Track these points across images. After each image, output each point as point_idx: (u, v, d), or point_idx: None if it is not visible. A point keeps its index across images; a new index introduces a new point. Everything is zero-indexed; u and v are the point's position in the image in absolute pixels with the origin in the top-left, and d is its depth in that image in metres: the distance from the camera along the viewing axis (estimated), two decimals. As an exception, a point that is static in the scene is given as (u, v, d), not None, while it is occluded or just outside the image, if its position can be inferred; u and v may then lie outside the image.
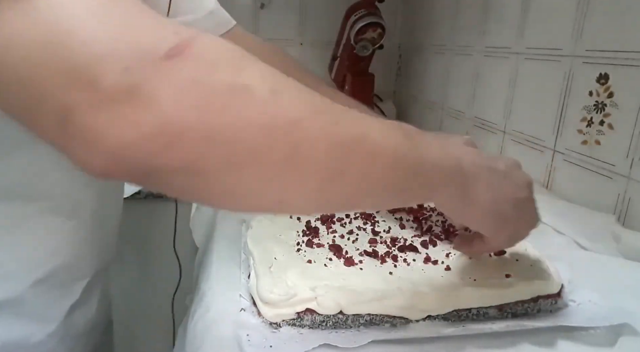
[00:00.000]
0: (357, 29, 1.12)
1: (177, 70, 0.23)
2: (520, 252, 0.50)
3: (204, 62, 0.24)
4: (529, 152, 0.88)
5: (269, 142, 0.25)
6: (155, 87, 0.22)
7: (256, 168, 0.26)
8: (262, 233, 0.53)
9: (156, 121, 0.22)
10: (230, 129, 0.24)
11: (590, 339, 0.41)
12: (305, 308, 0.41)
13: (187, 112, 0.23)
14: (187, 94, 0.23)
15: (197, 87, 0.23)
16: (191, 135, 0.23)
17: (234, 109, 0.24)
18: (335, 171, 0.28)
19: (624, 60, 0.66)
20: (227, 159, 0.24)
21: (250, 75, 0.25)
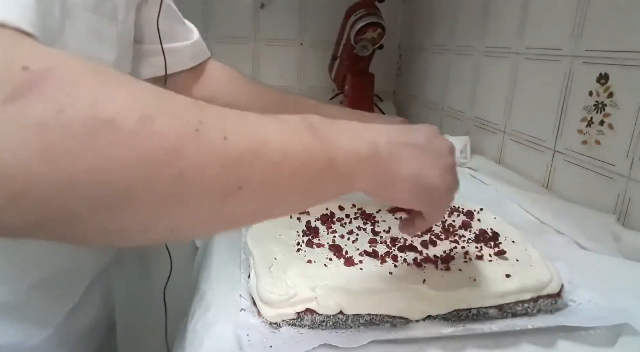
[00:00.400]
0: (357, 29, 1.12)
1: (19, 114, 0.19)
2: (521, 252, 0.50)
3: (57, 98, 0.20)
4: (529, 152, 0.88)
5: (146, 178, 0.22)
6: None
7: (136, 206, 0.23)
8: (262, 233, 0.53)
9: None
10: (94, 172, 0.21)
11: (590, 339, 0.41)
12: (305, 308, 0.41)
13: (32, 162, 0.19)
14: (33, 141, 0.19)
15: (46, 130, 0.20)
16: (40, 187, 0.20)
17: (95, 149, 0.21)
18: (230, 190, 0.26)
19: (624, 60, 0.66)
20: (95, 204, 0.22)
21: (115, 105, 0.22)
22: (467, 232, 0.56)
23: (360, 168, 0.33)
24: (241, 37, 1.48)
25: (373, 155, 0.33)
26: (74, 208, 0.21)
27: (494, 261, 0.48)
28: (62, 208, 0.21)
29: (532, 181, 0.85)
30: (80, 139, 0.20)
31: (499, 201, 0.76)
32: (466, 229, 0.56)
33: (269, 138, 0.28)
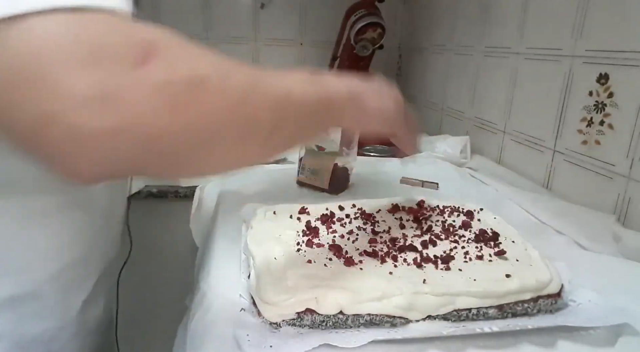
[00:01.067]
0: (357, 29, 1.12)
1: (145, 77, 0.25)
2: (521, 252, 0.50)
3: (168, 64, 0.26)
4: (529, 152, 0.88)
5: (229, 118, 0.30)
6: (128, 94, 0.24)
7: (222, 141, 0.30)
8: (262, 233, 0.53)
9: (130, 122, 0.24)
10: (198, 116, 0.27)
11: (590, 339, 0.41)
12: (305, 308, 0.41)
13: (162, 113, 0.25)
14: (159, 97, 0.25)
15: (167, 88, 0.26)
16: (168, 131, 0.26)
17: (197, 100, 0.27)
18: (275, 126, 0.34)
19: (624, 60, 0.66)
20: (197, 141, 0.28)
21: (204, 66, 0.29)
22: (467, 232, 0.56)
23: (345, 105, 0.44)
24: (241, 37, 1.48)
25: (352, 95, 0.44)
26: (183, 146, 0.27)
27: (494, 261, 0.48)
28: (177, 146, 0.27)
29: (532, 181, 0.85)
30: (188, 92, 0.27)
31: (499, 201, 0.76)
32: (466, 229, 0.56)
33: (293, 88, 0.36)
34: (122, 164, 0.27)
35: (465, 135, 1.07)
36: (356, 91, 0.45)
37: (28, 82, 0.23)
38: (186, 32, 0.28)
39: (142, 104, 0.25)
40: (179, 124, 0.26)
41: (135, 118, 0.24)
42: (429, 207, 0.64)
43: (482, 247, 0.51)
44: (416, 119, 0.56)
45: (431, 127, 1.32)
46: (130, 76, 0.24)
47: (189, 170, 0.32)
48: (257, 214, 0.58)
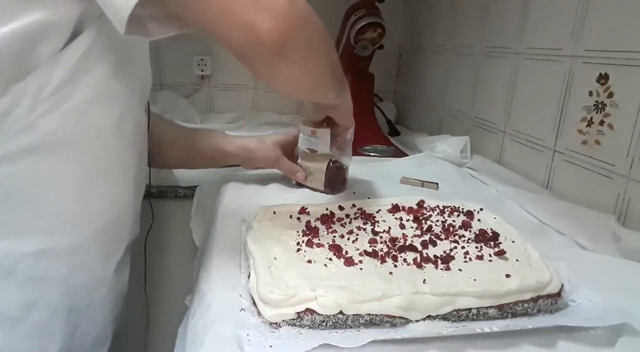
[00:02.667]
0: (357, 29, 1.11)
1: (265, 5, 0.43)
2: (521, 252, 0.50)
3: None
4: (529, 152, 0.88)
5: (299, 36, 0.46)
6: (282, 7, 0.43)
7: (316, 57, 0.51)
8: (262, 233, 0.53)
9: (295, 6, 0.45)
10: (311, 31, 0.50)
11: (590, 339, 0.41)
12: (305, 308, 0.41)
13: (305, 8, 0.48)
14: (295, 11, 0.45)
15: (280, 11, 0.44)
16: (307, 19, 0.49)
17: (312, 20, 0.50)
18: (317, 49, 0.50)
19: (624, 60, 0.66)
20: (305, 47, 0.48)
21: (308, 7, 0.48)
22: (467, 232, 0.56)
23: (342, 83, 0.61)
24: (241, 37, 1.48)
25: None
26: (282, 48, 0.44)
27: (494, 261, 0.48)
28: (297, 42, 0.46)
29: (532, 181, 0.85)
30: (309, 14, 0.49)
31: (499, 201, 0.76)
32: (466, 229, 0.56)
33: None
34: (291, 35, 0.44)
35: (465, 135, 1.07)
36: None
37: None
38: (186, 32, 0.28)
39: (289, 11, 0.44)
40: (311, 17, 0.49)
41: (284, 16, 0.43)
42: (429, 207, 0.64)
43: (482, 247, 0.52)
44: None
45: (431, 127, 1.32)
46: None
47: (298, 68, 0.48)
48: (257, 214, 0.58)
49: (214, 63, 1.48)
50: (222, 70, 1.50)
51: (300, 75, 0.49)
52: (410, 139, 1.21)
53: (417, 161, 0.99)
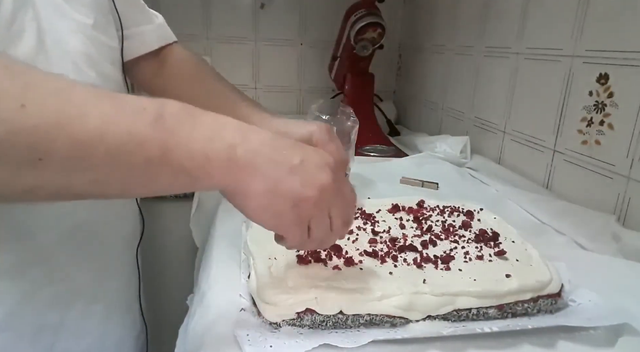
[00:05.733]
0: (357, 29, 1.11)
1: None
2: (521, 252, 0.50)
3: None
4: (529, 152, 0.88)
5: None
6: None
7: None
8: (262, 233, 0.53)
9: None
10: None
11: (590, 339, 0.41)
12: (305, 308, 0.41)
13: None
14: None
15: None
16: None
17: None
18: (27, 160, 0.27)
19: (624, 60, 0.66)
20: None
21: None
22: (467, 232, 0.56)
23: (206, 171, 0.32)
24: (241, 37, 1.48)
25: (229, 160, 0.32)
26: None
27: (494, 261, 0.48)
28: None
29: (532, 181, 0.85)
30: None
31: (499, 201, 0.76)
32: (466, 229, 0.56)
33: (87, 115, 0.28)
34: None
35: (465, 135, 1.07)
36: (243, 158, 0.33)
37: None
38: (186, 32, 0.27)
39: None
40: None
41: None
42: (429, 207, 0.64)
43: (482, 247, 0.51)
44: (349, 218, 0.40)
45: (431, 127, 1.32)
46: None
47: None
48: (257, 214, 0.58)
49: (214, 63, 1.48)
50: (222, 70, 1.49)
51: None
52: (410, 139, 1.21)
53: (417, 161, 0.99)
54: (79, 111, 0.28)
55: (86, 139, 0.28)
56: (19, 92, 0.26)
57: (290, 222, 0.35)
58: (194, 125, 0.32)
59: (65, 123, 0.27)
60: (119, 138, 0.29)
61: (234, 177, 0.33)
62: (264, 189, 0.34)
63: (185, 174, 0.31)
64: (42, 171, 0.27)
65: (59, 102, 0.28)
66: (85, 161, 0.28)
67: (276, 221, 0.36)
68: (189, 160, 0.31)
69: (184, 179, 0.32)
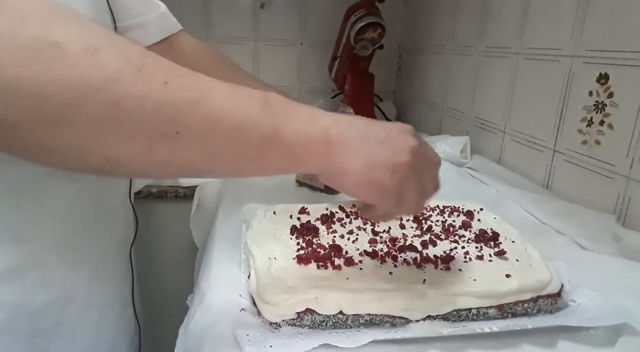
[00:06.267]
0: (357, 29, 1.12)
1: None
2: (521, 252, 0.50)
3: (13, 17, 0.25)
4: (529, 152, 0.88)
5: (82, 98, 0.26)
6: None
7: (70, 125, 0.26)
8: (262, 233, 0.53)
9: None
10: (38, 83, 0.25)
11: (590, 339, 0.41)
12: (305, 308, 0.41)
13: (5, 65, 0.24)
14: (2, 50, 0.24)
15: (3, 41, 0.24)
16: (15, 84, 0.24)
17: (41, 64, 0.25)
18: (166, 133, 0.29)
19: (624, 60, 0.66)
20: (37, 114, 0.25)
21: (63, 32, 0.26)
22: (467, 232, 0.56)
23: (309, 151, 0.35)
24: (241, 37, 1.48)
25: (324, 141, 0.35)
26: (15, 115, 0.25)
27: (494, 261, 0.48)
28: (9, 112, 0.25)
29: (532, 181, 0.85)
30: (28, 52, 0.24)
31: (499, 201, 0.76)
32: (466, 229, 0.56)
33: (214, 95, 0.31)
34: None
35: (465, 135, 1.07)
36: (336, 138, 0.35)
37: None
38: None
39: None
40: (12, 81, 0.24)
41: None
42: (429, 207, 0.64)
43: (482, 247, 0.52)
44: (431, 193, 0.43)
45: (431, 127, 1.32)
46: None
47: (32, 150, 0.28)
48: (257, 214, 0.58)
49: (214, 63, 1.48)
50: (222, 70, 1.50)
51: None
52: (410, 139, 1.20)
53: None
54: (209, 91, 0.31)
55: (216, 115, 0.31)
56: (162, 71, 0.29)
57: (391, 189, 0.37)
58: (294, 109, 0.35)
59: (199, 99, 0.30)
60: (239, 117, 0.32)
61: (332, 157, 0.36)
62: (361, 164, 0.36)
63: (290, 154, 0.34)
64: (176, 144, 0.30)
65: (194, 82, 0.31)
66: (212, 136, 0.31)
67: (377, 191, 0.37)
68: (296, 141, 0.34)
69: (289, 159, 0.35)
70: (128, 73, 0.27)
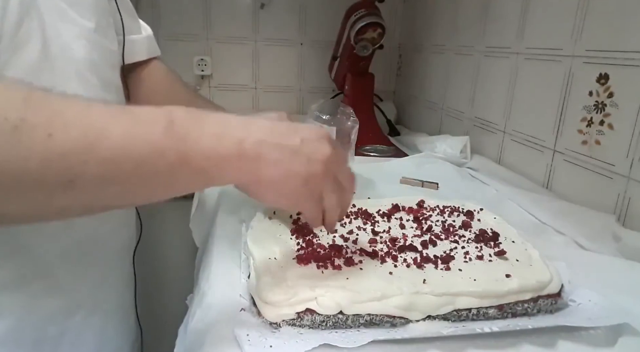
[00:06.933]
0: (357, 29, 1.11)
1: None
2: (521, 252, 0.50)
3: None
4: (529, 152, 0.88)
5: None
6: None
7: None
8: (262, 233, 0.53)
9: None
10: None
11: (590, 339, 0.41)
12: (305, 308, 0.41)
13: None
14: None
15: None
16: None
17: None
18: (59, 184, 0.28)
19: (624, 60, 0.66)
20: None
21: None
22: (467, 232, 0.56)
23: (221, 168, 0.35)
24: (241, 37, 1.48)
25: (237, 155, 0.35)
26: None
27: (494, 261, 0.48)
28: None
29: (532, 181, 0.85)
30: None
31: (499, 201, 0.76)
32: (466, 229, 0.56)
33: (110, 134, 0.30)
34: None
35: (465, 135, 1.07)
36: (251, 150, 0.35)
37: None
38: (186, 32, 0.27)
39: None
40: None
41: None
42: (429, 207, 0.64)
43: (482, 247, 0.51)
44: (351, 187, 0.44)
45: (431, 127, 1.32)
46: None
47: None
48: (257, 214, 0.58)
49: (214, 63, 1.48)
50: (222, 70, 1.50)
51: None
52: (410, 139, 1.21)
53: (417, 161, 0.99)
54: (102, 132, 0.29)
55: (113, 157, 0.30)
56: (44, 122, 0.27)
57: (305, 198, 0.39)
58: (202, 127, 0.34)
59: (92, 145, 0.29)
60: (140, 151, 0.31)
61: (246, 170, 0.36)
62: (276, 175, 0.36)
63: (203, 174, 0.34)
64: (74, 192, 0.29)
65: (82, 126, 0.29)
66: (114, 177, 0.30)
67: (293, 200, 0.39)
68: (205, 161, 0.33)
69: (202, 178, 0.35)
70: (4, 134, 0.26)
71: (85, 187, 0.29)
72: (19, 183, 0.27)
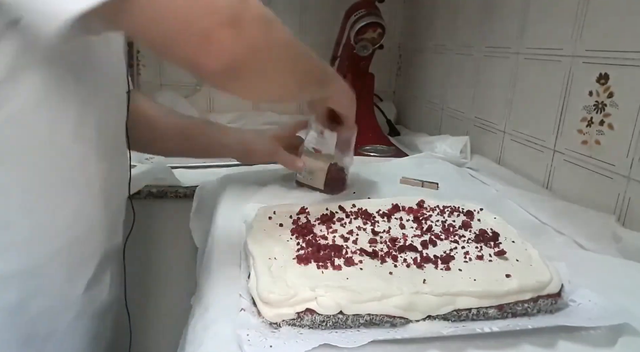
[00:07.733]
0: (357, 29, 1.11)
1: (248, 6, 0.41)
2: (521, 252, 0.50)
3: (256, 4, 0.42)
4: (529, 152, 0.88)
5: (285, 52, 0.48)
6: (244, 21, 0.39)
7: (277, 68, 0.47)
8: (262, 233, 0.53)
9: (244, 38, 0.40)
10: (271, 42, 0.44)
11: (590, 339, 0.41)
12: (305, 308, 0.41)
13: (257, 34, 0.42)
14: (258, 21, 0.41)
15: (260, 17, 0.42)
16: (258, 46, 0.42)
17: (272, 29, 0.44)
18: (299, 71, 0.51)
19: (624, 60, 0.66)
20: (267, 59, 0.45)
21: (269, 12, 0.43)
22: (467, 232, 0.56)
23: (336, 83, 0.63)
24: (241, 37, 1.48)
25: (340, 80, 0.64)
26: (230, 78, 0.42)
27: (494, 261, 0.48)
28: (258, 58, 0.43)
29: (532, 181, 0.85)
30: (268, 23, 0.44)
31: (499, 201, 0.76)
32: (466, 229, 0.56)
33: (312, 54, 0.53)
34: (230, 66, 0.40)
35: (465, 135, 1.07)
36: (333, 76, 0.62)
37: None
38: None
39: (250, 23, 0.40)
40: (265, 42, 0.43)
41: (246, 36, 0.40)
42: (429, 207, 0.64)
43: (482, 247, 0.51)
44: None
45: (431, 127, 1.32)
46: (242, 6, 0.40)
47: (255, 84, 0.46)
48: (257, 214, 0.58)
49: (214, 63, 1.48)
50: (222, 70, 1.50)
51: (262, 87, 0.48)
52: (410, 139, 1.21)
53: (417, 161, 0.99)
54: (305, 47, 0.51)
55: (317, 65, 0.56)
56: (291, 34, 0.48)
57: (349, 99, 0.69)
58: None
59: (311, 55, 0.53)
60: (320, 65, 0.57)
61: (342, 87, 0.66)
62: (341, 87, 0.67)
63: (326, 83, 0.61)
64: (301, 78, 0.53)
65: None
66: (311, 73, 0.56)
67: (353, 104, 0.70)
68: (333, 78, 0.63)
69: (324, 86, 0.62)
70: (292, 37, 0.47)
71: (305, 77, 0.55)
72: (293, 67, 0.51)
